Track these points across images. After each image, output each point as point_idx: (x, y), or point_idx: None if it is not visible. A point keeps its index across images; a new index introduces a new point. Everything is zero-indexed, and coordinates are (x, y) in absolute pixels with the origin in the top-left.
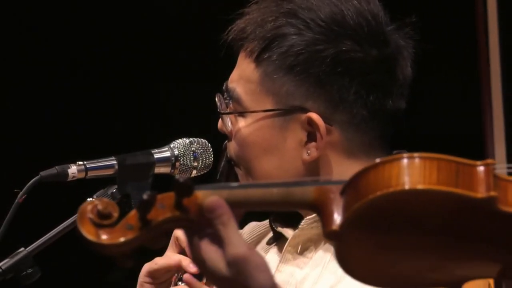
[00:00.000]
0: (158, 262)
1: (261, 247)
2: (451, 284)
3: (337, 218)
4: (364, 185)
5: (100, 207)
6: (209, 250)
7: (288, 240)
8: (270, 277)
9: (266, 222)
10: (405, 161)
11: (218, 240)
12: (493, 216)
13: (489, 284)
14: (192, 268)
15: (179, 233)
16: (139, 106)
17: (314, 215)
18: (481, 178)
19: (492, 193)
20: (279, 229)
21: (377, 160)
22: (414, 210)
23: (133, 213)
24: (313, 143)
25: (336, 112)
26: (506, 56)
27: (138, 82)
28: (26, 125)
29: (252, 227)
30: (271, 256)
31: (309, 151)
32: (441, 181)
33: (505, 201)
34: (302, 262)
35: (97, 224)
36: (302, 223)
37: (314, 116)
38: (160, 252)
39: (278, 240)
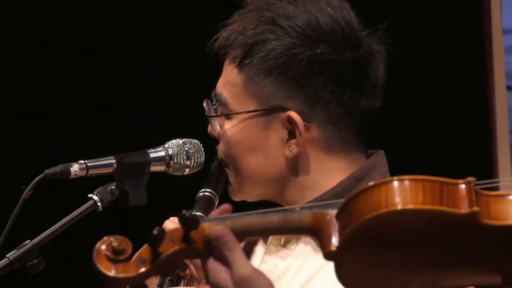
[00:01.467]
0: None
1: None
2: None
3: (334, 240)
4: (357, 208)
5: (114, 244)
6: (220, 272)
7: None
8: None
9: None
10: (393, 183)
11: (225, 263)
12: (479, 230)
13: None
14: None
15: (169, 225)
16: (137, 109)
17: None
18: (463, 195)
19: (475, 209)
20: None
21: (370, 184)
22: (403, 228)
23: (145, 247)
24: (293, 140)
25: (314, 110)
26: None
27: (135, 86)
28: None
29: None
30: (257, 248)
31: (290, 148)
32: (427, 201)
33: (488, 215)
34: (285, 253)
35: (113, 260)
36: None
37: (293, 114)
38: None
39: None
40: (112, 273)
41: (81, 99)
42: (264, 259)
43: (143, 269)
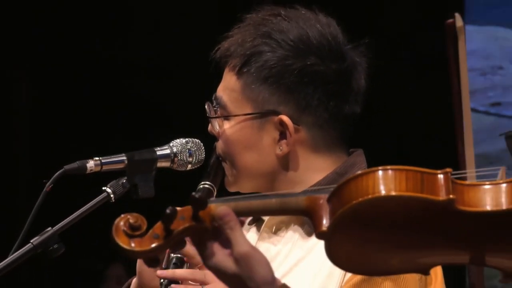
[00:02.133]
0: None
1: (243, 227)
2: (421, 269)
3: (325, 221)
4: (347, 193)
5: (131, 220)
6: (219, 252)
7: (265, 222)
8: (270, 270)
9: None
10: (379, 173)
11: (226, 243)
12: (454, 215)
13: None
14: None
15: None
16: (146, 112)
17: None
18: (441, 184)
19: (451, 196)
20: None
21: (358, 172)
22: (388, 212)
23: (158, 224)
24: (284, 140)
25: (303, 114)
26: None
27: (146, 95)
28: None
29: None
30: (251, 235)
31: (281, 147)
32: (409, 188)
33: (462, 202)
34: (276, 240)
35: (129, 235)
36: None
37: (284, 118)
38: None
39: (257, 222)
40: (129, 246)
41: (98, 104)
42: (257, 245)
43: (156, 244)
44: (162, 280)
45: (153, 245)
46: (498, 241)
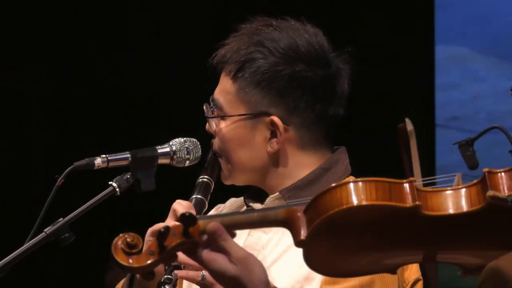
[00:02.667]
0: (159, 225)
1: None
2: (388, 269)
3: (303, 231)
4: (322, 204)
5: (128, 239)
6: (217, 258)
7: None
8: (265, 272)
9: (241, 198)
10: (351, 185)
11: (222, 251)
12: (419, 219)
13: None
14: None
15: (176, 206)
16: (148, 114)
17: (276, 194)
18: (407, 192)
19: (417, 202)
20: (251, 204)
21: (332, 185)
22: (360, 220)
23: (153, 241)
24: (275, 139)
25: (292, 116)
26: None
27: (150, 98)
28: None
29: (232, 201)
30: None
31: (271, 145)
32: (379, 197)
33: (427, 207)
34: (267, 229)
35: (127, 253)
36: (267, 200)
37: (275, 119)
38: None
39: None
40: (127, 263)
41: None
42: (250, 233)
43: (152, 260)
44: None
45: (149, 261)
46: (459, 241)
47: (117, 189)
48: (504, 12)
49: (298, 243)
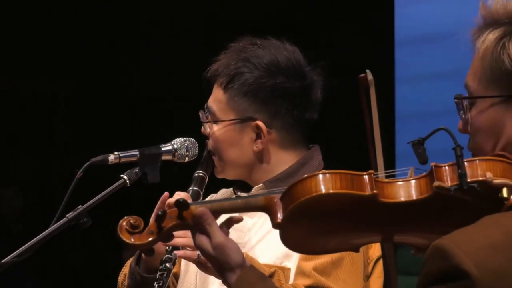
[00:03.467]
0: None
1: None
2: (352, 248)
3: (280, 215)
4: (295, 193)
5: (132, 221)
6: (202, 240)
7: None
8: (241, 255)
9: (231, 189)
10: (320, 176)
11: (206, 234)
12: (377, 205)
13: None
14: None
15: (176, 196)
16: (156, 117)
17: (260, 185)
18: (367, 183)
19: (375, 191)
20: (239, 193)
21: (304, 176)
22: (327, 206)
23: (152, 223)
24: (259, 140)
25: (274, 121)
26: None
27: (156, 102)
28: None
29: (223, 192)
30: None
31: (257, 145)
32: (343, 187)
33: (383, 195)
34: (253, 214)
35: (131, 232)
36: (252, 190)
37: (259, 123)
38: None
39: None
40: (130, 241)
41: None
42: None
43: (151, 238)
44: (163, 258)
45: (149, 239)
46: (411, 224)
47: (127, 181)
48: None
49: (275, 225)
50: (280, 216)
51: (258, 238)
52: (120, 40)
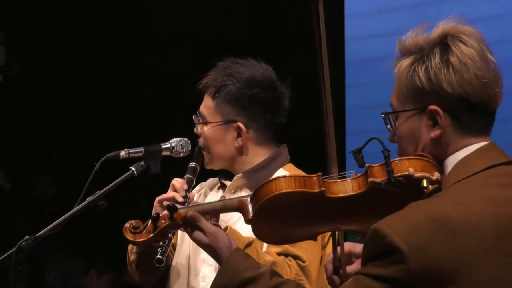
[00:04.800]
0: (163, 195)
1: (214, 190)
2: (312, 237)
3: (250, 212)
4: (261, 193)
5: (133, 224)
6: (197, 234)
7: (227, 187)
8: (229, 240)
9: (217, 178)
10: (280, 179)
11: (199, 229)
12: (325, 200)
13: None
14: (179, 198)
15: (174, 182)
16: (156, 120)
17: (240, 174)
18: (316, 182)
19: (322, 189)
20: (223, 181)
21: (267, 180)
22: (287, 202)
23: (149, 224)
24: (240, 138)
25: (251, 123)
26: None
27: (156, 110)
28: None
29: (210, 180)
30: (219, 194)
31: (238, 142)
32: (297, 186)
33: (329, 192)
34: (235, 196)
35: (133, 232)
36: (234, 178)
37: (240, 124)
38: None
39: (223, 187)
40: (133, 239)
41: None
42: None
43: (149, 236)
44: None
45: (148, 237)
46: (354, 215)
47: (135, 172)
48: None
49: (247, 221)
50: (251, 213)
51: (238, 216)
52: (127, 61)
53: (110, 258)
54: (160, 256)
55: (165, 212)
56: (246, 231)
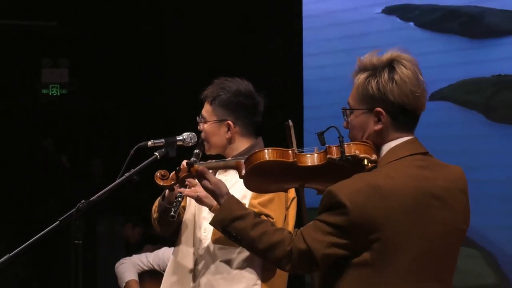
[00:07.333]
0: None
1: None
2: (284, 190)
3: (243, 171)
4: (251, 159)
5: (162, 172)
6: (205, 182)
7: (218, 171)
8: (227, 188)
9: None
10: (265, 150)
11: (206, 179)
12: (298, 168)
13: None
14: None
15: (183, 162)
16: (172, 121)
17: (229, 158)
18: (291, 154)
19: (295, 159)
20: None
21: (257, 150)
22: (270, 167)
23: (173, 174)
24: (229, 132)
25: (237, 121)
26: None
27: (173, 112)
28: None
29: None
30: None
31: (227, 135)
32: (278, 156)
33: (300, 162)
34: (226, 173)
35: (161, 178)
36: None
37: (230, 122)
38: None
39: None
40: (161, 183)
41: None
42: (218, 176)
43: (173, 182)
44: (177, 195)
45: (172, 182)
46: (316, 178)
47: (158, 156)
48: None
49: (241, 176)
50: (244, 171)
51: (232, 183)
52: (152, 75)
53: (140, 215)
54: (173, 213)
55: (185, 166)
56: (237, 192)
